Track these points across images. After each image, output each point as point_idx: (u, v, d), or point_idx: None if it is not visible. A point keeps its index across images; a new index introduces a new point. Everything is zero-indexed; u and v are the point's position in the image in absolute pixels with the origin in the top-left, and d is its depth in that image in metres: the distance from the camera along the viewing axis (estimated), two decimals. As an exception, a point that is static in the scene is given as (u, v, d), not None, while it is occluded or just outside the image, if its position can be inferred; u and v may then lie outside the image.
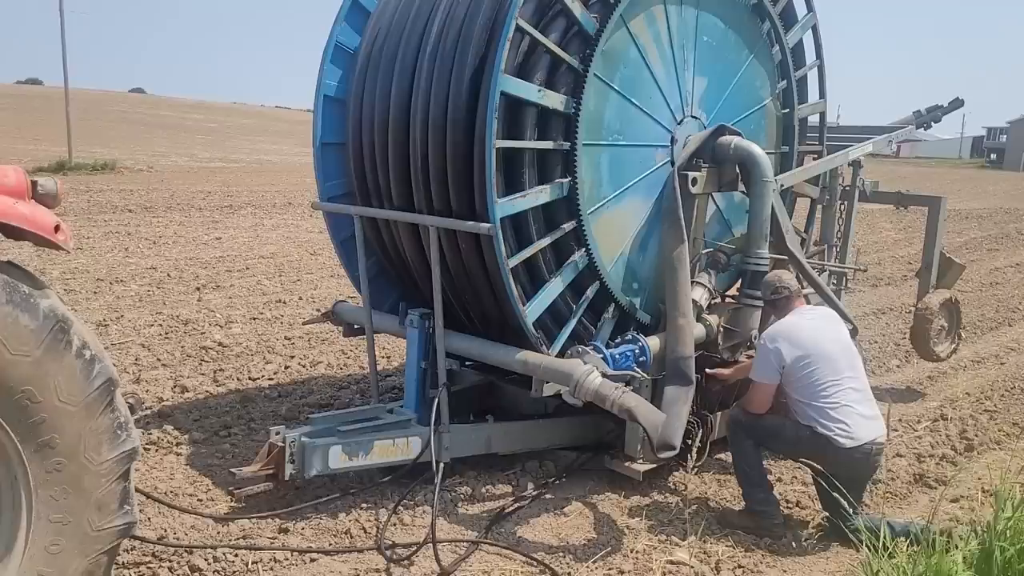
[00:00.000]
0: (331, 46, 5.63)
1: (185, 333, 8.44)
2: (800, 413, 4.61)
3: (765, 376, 4.66)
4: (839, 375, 4.58)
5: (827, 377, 4.55)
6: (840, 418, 4.48)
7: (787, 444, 4.76)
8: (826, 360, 4.58)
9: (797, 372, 4.56)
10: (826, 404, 4.51)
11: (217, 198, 20.60)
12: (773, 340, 4.66)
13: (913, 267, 10.56)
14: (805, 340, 4.63)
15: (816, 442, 4.51)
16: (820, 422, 4.50)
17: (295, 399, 6.66)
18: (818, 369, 4.55)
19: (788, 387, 4.63)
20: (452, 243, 5.05)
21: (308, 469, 4.64)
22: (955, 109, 8.56)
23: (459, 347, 5.27)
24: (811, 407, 4.54)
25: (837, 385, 4.55)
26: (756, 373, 4.72)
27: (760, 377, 4.69)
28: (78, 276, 10.83)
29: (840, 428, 4.47)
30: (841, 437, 4.46)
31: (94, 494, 3.04)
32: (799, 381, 4.57)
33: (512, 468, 5.44)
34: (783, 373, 4.59)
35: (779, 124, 6.41)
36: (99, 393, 3.01)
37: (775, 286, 4.87)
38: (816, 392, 4.54)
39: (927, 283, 7.59)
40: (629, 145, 5.23)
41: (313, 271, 12.11)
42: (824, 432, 4.48)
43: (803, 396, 4.58)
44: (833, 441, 4.46)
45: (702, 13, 5.56)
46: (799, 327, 4.72)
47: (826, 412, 4.50)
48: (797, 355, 4.56)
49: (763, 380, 4.67)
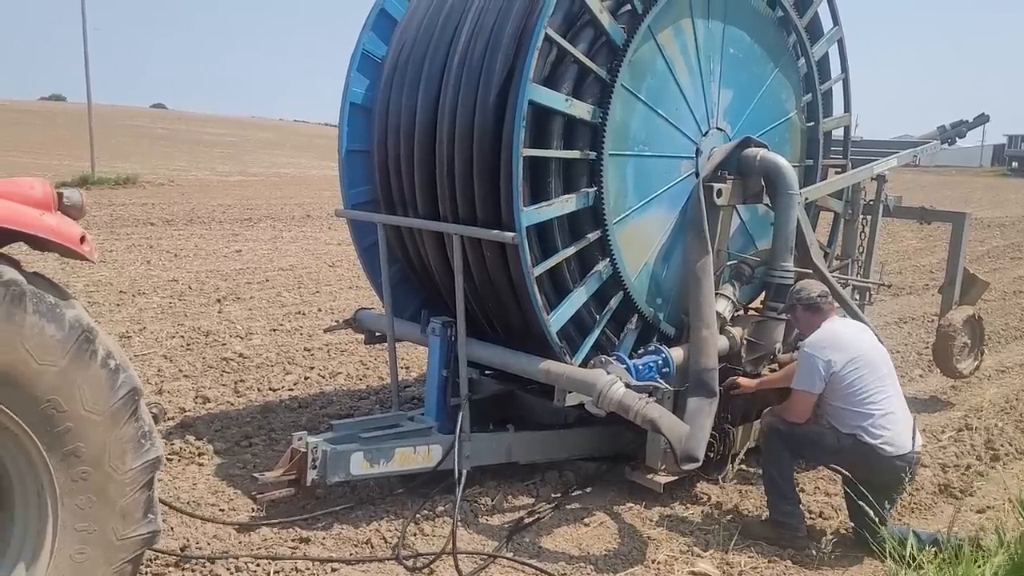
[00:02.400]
0: (358, 54, 5.66)
1: (206, 344, 8.47)
2: (842, 421, 4.54)
3: (809, 385, 4.58)
4: (883, 382, 4.55)
5: (872, 384, 4.50)
6: (886, 426, 4.43)
7: (827, 453, 4.68)
8: (871, 367, 4.54)
9: (844, 379, 4.49)
10: (872, 410, 4.45)
11: (237, 211, 20.73)
12: (820, 349, 4.59)
13: (935, 276, 10.49)
14: (851, 347, 4.59)
15: (859, 451, 4.45)
16: (866, 429, 4.44)
17: (315, 409, 6.66)
18: (865, 375, 4.50)
19: (830, 396, 4.56)
20: (476, 251, 5.04)
21: (330, 475, 4.64)
22: (980, 125, 8.50)
23: (481, 355, 5.26)
24: (856, 415, 4.48)
25: (882, 392, 4.51)
26: (799, 382, 4.64)
27: (804, 386, 4.61)
28: (101, 288, 10.91)
29: (886, 436, 4.41)
30: (886, 445, 4.41)
31: (119, 503, 3.05)
32: (845, 388, 4.50)
33: (532, 478, 5.40)
34: (828, 381, 4.53)
35: (804, 137, 6.36)
36: (123, 402, 3.02)
37: (820, 290, 4.82)
38: (862, 399, 4.48)
39: (950, 299, 7.52)
40: (655, 156, 5.21)
41: (332, 283, 12.14)
42: (869, 441, 4.42)
43: (847, 404, 4.51)
44: (877, 449, 4.41)
45: (729, 26, 5.54)
46: (842, 334, 4.68)
47: (872, 420, 4.44)
48: (846, 361, 4.50)
49: (807, 389, 4.59)
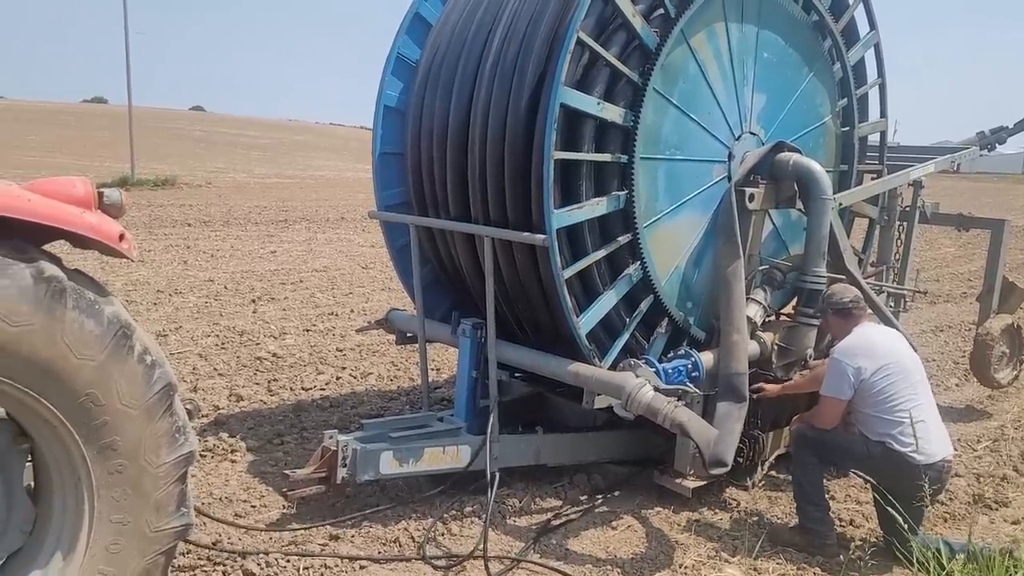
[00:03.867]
0: (392, 58, 5.73)
1: (241, 344, 8.59)
2: (871, 428, 4.49)
3: (839, 391, 4.54)
4: (915, 389, 4.50)
5: (904, 391, 4.45)
6: (917, 434, 4.35)
7: (856, 460, 4.64)
8: (903, 374, 4.49)
9: (874, 386, 4.45)
10: (903, 418, 4.39)
11: (272, 213, 20.98)
12: (851, 355, 4.55)
13: (973, 284, 10.32)
14: (883, 353, 4.54)
15: (889, 458, 4.40)
16: (896, 437, 4.39)
17: (346, 409, 6.73)
18: (896, 383, 4.45)
19: (861, 402, 4.51)
20: (507, 253, 5.07)
21: (360, 473, 4.68)
22: (1021, 130, 8.34)
23: (510, 357, 5.27)
24: (886, 422, 4.43)
25: (913, 399, 4.45)
26: (829, 388, 4.60)
27: (833, 392, 4.57)
28: (139, 288, 11.11)
29: (916, 444, 4.34)
30: (917, 454, 4.34)
31: (153, 496, 3.10)
32: (875, 395, 4.46)
33: (560, 481, 5.41)
34: (858, 388, 4.49)
35: (839, 142, 6.30)
36: (159, 397, 3.08)
37: (851, 296, 4.77)
38: (892, 407, 4.43)
39: (988, 308, 7.40)
40: (686, 160, 5.20)
41: (365, 284, 12.25)
42: (899, 448, 4.37)
43: (878, 411, 4.46)
44: (908, 458, 4.35)
45: (763, 30, 5.51)
46: (873, 341, 4.64)
47: (902, 428, 4.38)
48: (877, 368, 4.46)
49: (836, 395, 4.56)
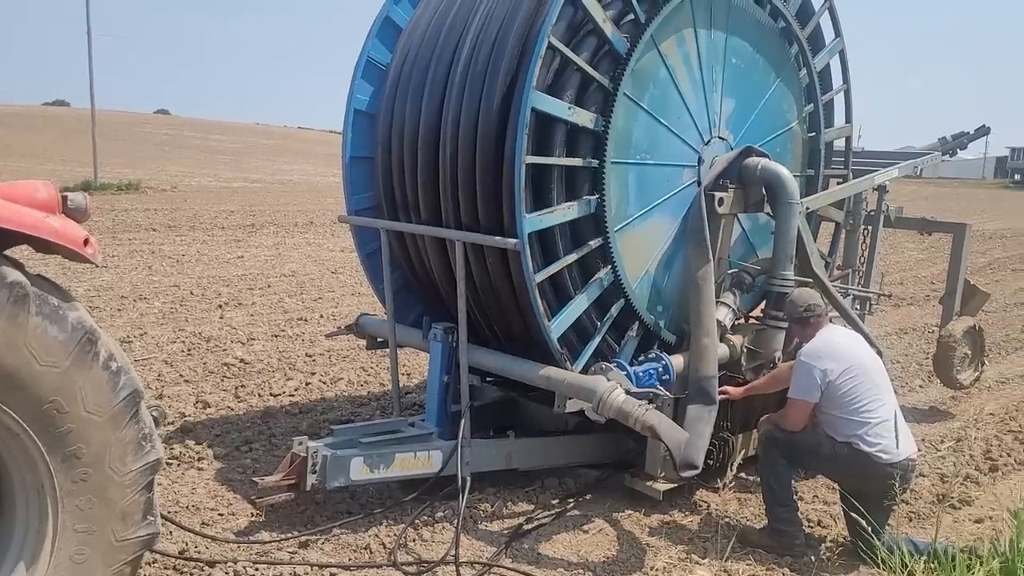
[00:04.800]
0: (363, 61, 5.71)
1: (207, 350, 8.48)
2: (837, 429, 4.55)
3: (806, 393, 4.60)
4: (878, 390, 4.57)
5: (868, 393, 4.52)
6: (882, 434, 4.45)
7: (823, 461, 4.70)
8: (866, 375, 4.56)
9: (839, 388, 4.51)
10: (867, 419, 4.47)
11: (239, 217, 20.77)
12: (816, 358, 4.60)
13: (936, 287, 10.50)
14: (847, 356, 4.60)
15: (855, 459, 4.46)
16: (861, 438, 4.45)
17: (316, 415, 6.67)
18: (860, 384, 4.52)
19: (825, 404, 4.58)
20: (479, 258, 5.06)
21: (330, 480, 4.64)
22: (981, 136, 8.53)
23: (482, 362, 5.27)
24: (851, 423, 4.49)
25: (877, 400, 4.53)
26: (796, 391, 4.66)
27: (800, 395, 4.63)
28: (103, 293, 10.93)
29: (882, 444, 4.43)
30: (883, 453, 4.42)
31: (118, 504, 3.05)
32: (841, 397, 4.52)
33: (532, 485, 5.41)
34: (824, 390, 4.54)
35: (805, 147, 6.38)
36: (124, 404, 3.03)
37: (808, 303, 4.82)
38: (858, 407, 4.49)
39: (951, 310, 7.54)
40: (657, 164, 5.23)
41: (334, 289, 12.16)
42: (865, 448, 4.44)
43: (843, 412, 4.52)
44: (873, 457, 4.42)
45: (731, 36, 5.57)
46: (837, 343, 4.70)
47: (867, 428, 4.46)
48: (842, 370, 4.52)
49: (803, 397, 4.61)
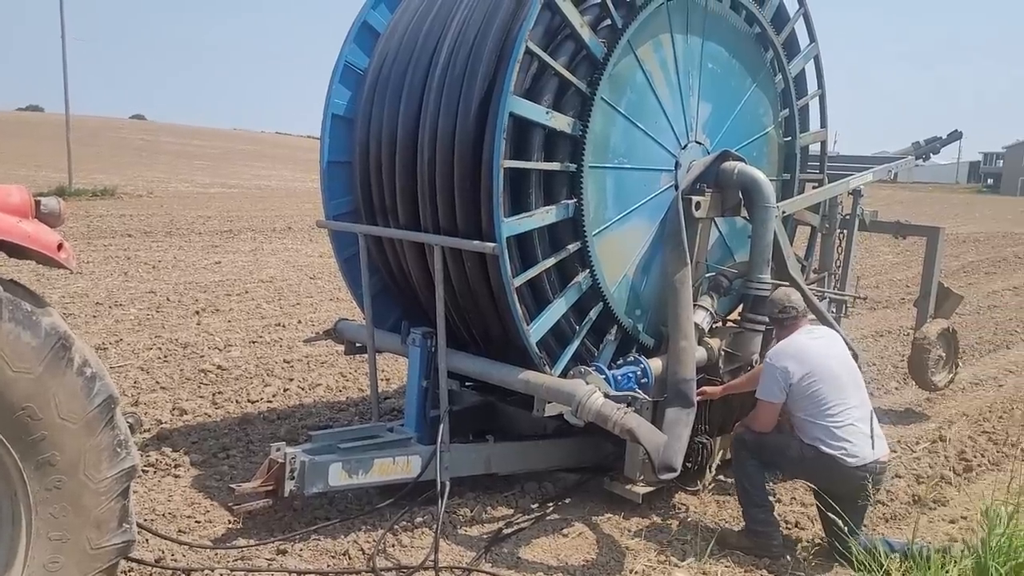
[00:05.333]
0: (340, 66, 5.70)
1: (184, 356, 8.41)
2: (805, 432, 4.60)
3: (771, 395, 4.65)
4: (844, 394, 4.59)
5: (832, 396, 4.55)
6: (845, 437, 4.48)
7: (791, 463, 4.74)
8: (832, 379, 4.59)
9: (803, 391, 4.55)
10: (831, 423, 4.51)
11: (217, 223, 20.63)
12: (780, 359, 4.65)
13: (911, 290, 10.63)
14: (811, 358, 4.63)
15: (821, 461, 4.50)
16: (825, 441, 4.49)
17: (294, 421, 6.63)
18: (824, 388, 4.55)
19: (793, 406, 4.63)
20: (457, 262, 5.06)
21: (308, 486, 4.60)
22: (953, 141, 8.67)
23: (461, 366, 5.26)
24: (816, 426, 4.53)
25: (842, 404, 4.55)
26: (762, 392, 4.71)
27: (766, 396, 4.68)
28: (77, 300, 10.82)
29: (847, 447, 4.46)
30: (848, 456, 4.45)
31: (93, 512, 3.03)
32: (805, 400, 4.56)
33: (511, 489, 5.41)
34: (789, 392, 4.58)
35: (781, 152, 6.44)
36: (99, 411, 3.01)
37: (783, 304, 4.87)
38: (822, 411, 4.53)
39: (925, 312, 7.64)
40: (634, 168, 5.26)
41: (313, 295, 12.10)
42: (829, 452, 4.47)
43: (808, 415, 4.57)
44: (839, 460, 4.45)
45: (707, 41, 5.61)
46: (806, 346, 4.72)
47: (831, 431, 4.49)
48: (804, 373, 4.55)
49: (769, 399, 4.66)
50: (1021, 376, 9.19)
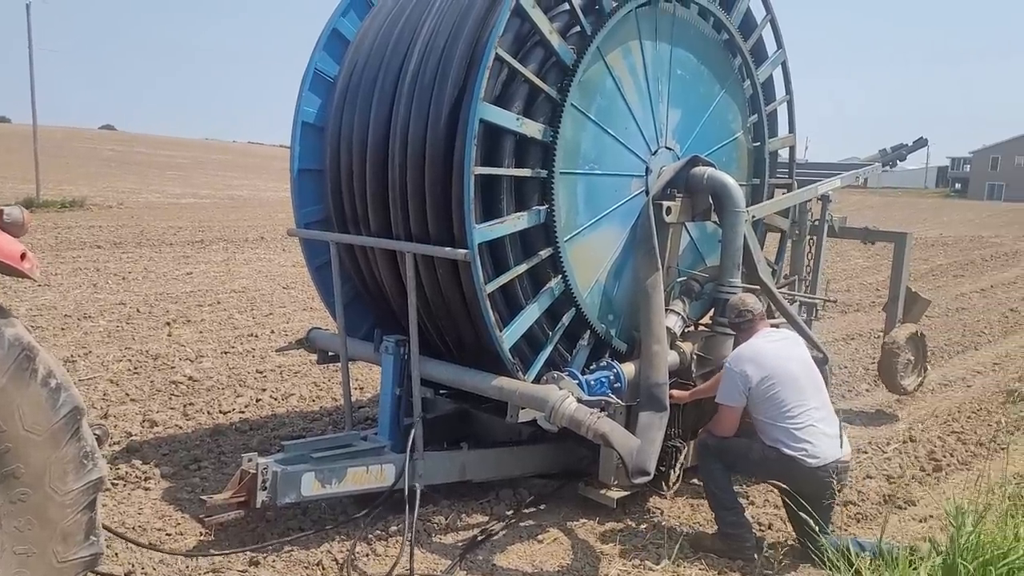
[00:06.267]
0: (310, 73, 5.69)
1: (154, 368, 8.32)
2: (766, 434, 4.63)
3: (731, 399, 4.68)
4: (803, 395, 4.63)
5: (792, 398, 4.59)
6: (805, 438, 4.52)
7: (754, 465, 4.79)
8: (790, 381, 4.63)
9: (762, 394, 4.59)
10: (791, 425, 4.54)
11: (188, 233, 20.45)
12: (738, 363, 4.69)
13: (881, 294, 10.77)
14: (769, 362, 4.66)
15: (782, 463, 4.54)
16: (786, 443, 4.53)
17: (267, 431, 6.57)
18: (783, 390, 4.58)
19: (753, 409, 4.66)
20: (429, 269, 5.05)
21: (280, 496, 4.56)
22: (919, 148, 8.82)
23: (434, 373, 5.25)
24: (776, 428, 4.57)
25: (802, 406, 4.59)
26: (722, 396, 4.74)
27: (726, 400, 4.71)
28: (45, 313, 10.66)
29: (806, 448, 4.50)
30: (807, 457, 4.49)
31: (60, 525, 2.98)
32: (765, 403, 4.60)
33: (486, 496, 5.40)
34: (749, 395, 4.62)
35: (750, 157, 6.51)
36: (65, 422, 2.97)
37: (739, 309, 4.92)
38: (781, 413, 4.57)
39: (894, 317, 7.74)
40: (605, 174, 5.28)
41: (286, 304, 12.02)
42: (790, 453, 4.51)
43: (768, 417, 4.60)
44: (799, 461, 4.49)
45: (676, 48, 5.66)
46: (763, 349, 4.76)
47: (791, 433, 4.53)
48: (762, 376, 4.59)
49: (729, 403, 4.70)
50: (989, 376, 9.33)
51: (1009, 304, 14.50)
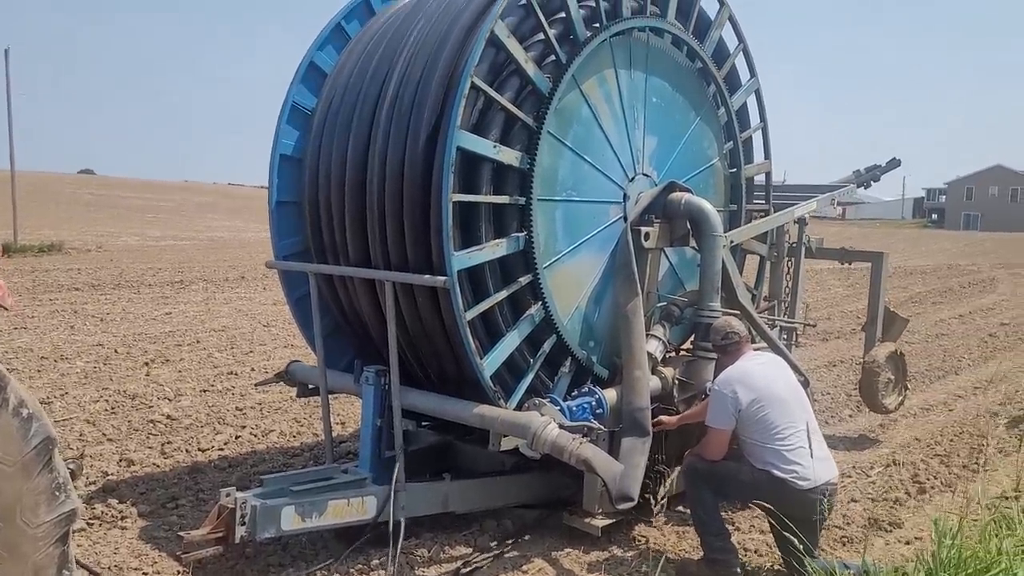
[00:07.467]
0: (287, 106, 5.71)
1: (132, 408, 8.20)
2: (755, 457, 4.60)
3: (721, 422, 4.65)
4: (792, 417, 4.61)
5: (781, 420, 4.57)
6: (796, 460, 4.49)
7: (744, 488, 4.73)
8: (779, 403, 4.61)
9: (752, 415, 4.57)
10: (781, 447, 4.52)
11: (168, 274, 20.31)
12: (727, 385, 4.67)
13: (861, 320, 10.80)
14: (758, 383, 4.65)
15: (773, 485, 4.50)
16: (776, 465, 4.50)
17: (246, 468, 6.47)
18: (772, 412, 4.56)
19: (743, 431, 4.63)
20: (409, 297, 5.03)
21: (260, 531, 4.47)
22: (892, 169, 8.91)
23: (415, 403, 5.20)
24: (767, 450, 4.54)
25: (791, 427, 4.57)
26: (712, 419, 4.71)
27: (715, 422, 4.68)
28: (21, 355, 10.51)
29: (798, 470, 4.47)
30: (799, 480, 4.45)
31: (31, 558, 2.90)
32: (754, 424, 4.57)
33: (470, 528, 5.31)
34: (738, 418, 4.60)
35: (727, 183, 6.57)
36: (36, 453, 2.90)
37: (725, 331, 4.91)
38: (771, 435, 4.54)
39: (873, 336, 7.77)
40: (583, 201, 5.31)
41: (266, 342, 11.92)
42: (781, 475, 4.47)
43: (758, 439, 4.57)
44: (790, 484, 4.45)
45: (651, 76, 5.74)
46: (751, 371, 4.75)
47: (782, 455, 4.50)
48: (752, 398, 4.57)
49: (719, 426, 4.67)
50: (970, 400, 9.37)
51: (988, 330, 14.63)
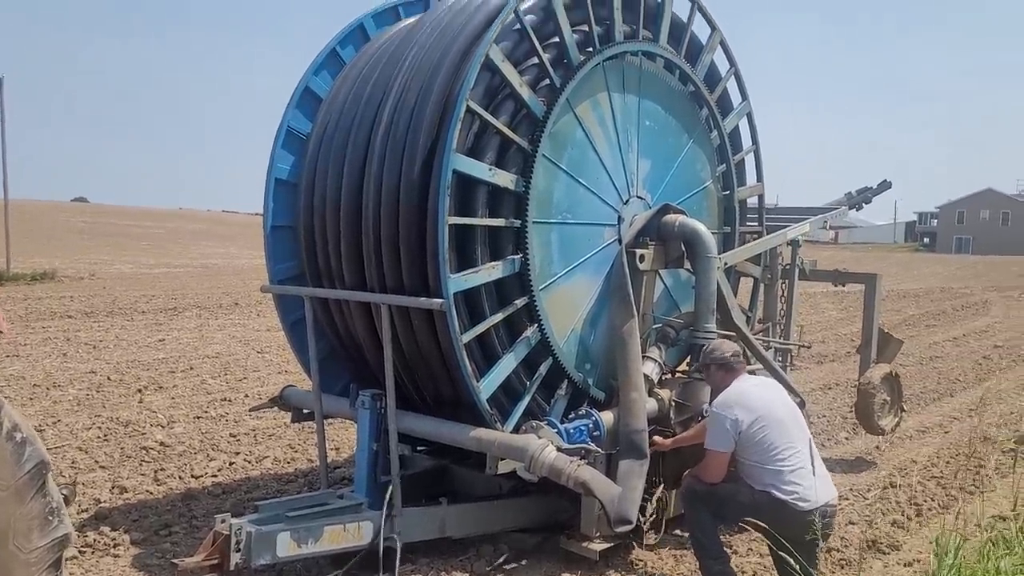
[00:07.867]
0: (283, 131, 5.74)
1: (125, 435, 8.13)
2: (755, 478, 4.57)
3: (721, 444, 4.62)
4: (790, 437, 4.59)
5: (780, 440, 4.55)
6: (797, 481, 4.46)
7: (743, 510, 4.68)
8: (777, 423, 4.60)
9: (752, 437, 4.54)
10: (782, 467, 4.49)
11: (161, 301, 20.24)
12: (727, 407, 4.64)
13: (856, 343, 10.83)
14: (756, 404, 4.64)
15: (773, 506, 4.47)
16: (777, 486, 4.47)
17: (240, 494, 6.42)
18: (771, 433, 4.55)
19: (742, 453, 4.61)
20: (405, 320, 5.02)
21: (255, 558, 4.41)
22: (884, 191, 8.98)
23: (412, 427, 5.17)
24: (767, 471, 4.52)
25: (790, 448, 4.55)
26: (712, 442, 4.68)
27: (716, 445, 4.65)
28: (13, 383, 10.43)
29: (798, 491, 4.44)
30: (799, 501, 4.43)
31: (23, 584, 2.87)
32: (754, 446, 4.55)
33: (466, 553, 5.26)
34: (738, 439, 4.58)
35: (720, 205, 6.60)
36: (30, 477, 2.89)
37: (722, 353, 4.90)
38: (771, 456, 4.52)
39: (867, 358, 7.78)
40: (578, 223, 5.33)
41: (260, 368, 11.87)
42: (781, 497, 4.45)
43: (758, 461, 4.55)
44: (790, 505, 4.43)
45: (644, 99, 5.78)
46: (749, 392, 4.74)
47: (782, 476, 4.48)
48: (752, 420, 4.55)
49: (719, 448, 4.64)
50: (966, 422, 9.36)
51: (982, 352, 14.68)
